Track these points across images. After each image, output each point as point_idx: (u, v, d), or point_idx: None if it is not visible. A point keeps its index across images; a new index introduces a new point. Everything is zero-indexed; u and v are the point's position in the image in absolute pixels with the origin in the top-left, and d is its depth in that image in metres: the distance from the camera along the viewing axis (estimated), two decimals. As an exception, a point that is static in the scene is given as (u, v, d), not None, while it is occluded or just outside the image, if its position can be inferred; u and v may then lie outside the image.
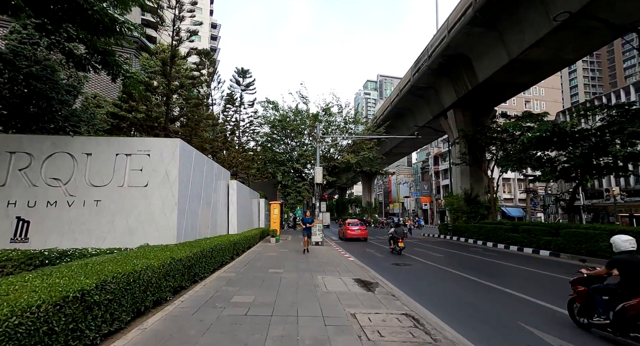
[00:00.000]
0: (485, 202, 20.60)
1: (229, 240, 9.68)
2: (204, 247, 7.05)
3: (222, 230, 13.24)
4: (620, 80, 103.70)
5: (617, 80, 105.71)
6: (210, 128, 16.73)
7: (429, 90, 23.49)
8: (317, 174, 16.75)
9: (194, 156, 9.79)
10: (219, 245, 8.16)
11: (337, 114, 25.52)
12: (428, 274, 9.43)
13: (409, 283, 7.92)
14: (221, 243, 8.48)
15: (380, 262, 11.72)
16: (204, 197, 10.73)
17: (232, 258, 10.53)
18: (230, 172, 15.43)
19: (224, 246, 8.73)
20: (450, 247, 17.22)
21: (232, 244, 9.99)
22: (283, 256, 11.76)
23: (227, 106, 22.47)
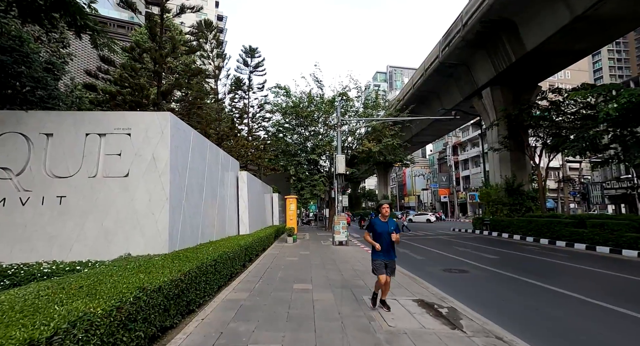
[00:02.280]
0: (530, 192, 17.98)
1: (239, 245, 7.55)
2: (204, 260, 4.90)
3: (231, 230, 11.17)
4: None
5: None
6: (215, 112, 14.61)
7: (459, 68, 20.79)
8: (338, 163, 14.48)
9: (193, 137, 7.65)
10: (225, 253, 6.02)
11: (356, 99, 23.07)
12: (501, 286, 7.10)
13: (492, 305, 5.62)
14: (229, 250, 6.34)
15: (424, 267, 9.45)
16: (208, 189, 8.63)
17: (244, 266, 8.42)
18: (239, 162, 13.29)
19: (232, 254, 6.59)
20: (496, 245, 14.77)
21: (243, 249, 7.87)
22: (306, 261, 9.61)
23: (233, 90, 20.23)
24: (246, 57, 20.98)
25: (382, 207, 4.88)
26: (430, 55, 22.63)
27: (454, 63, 20.43)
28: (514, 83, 18.73)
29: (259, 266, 8.80)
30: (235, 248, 7.02)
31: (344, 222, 14.08)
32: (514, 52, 16.41)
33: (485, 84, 19.56)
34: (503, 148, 18.04)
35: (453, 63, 20.45)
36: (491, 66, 18.41)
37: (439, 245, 14.63)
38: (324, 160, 25.97)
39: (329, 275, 7.50)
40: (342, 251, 12.16)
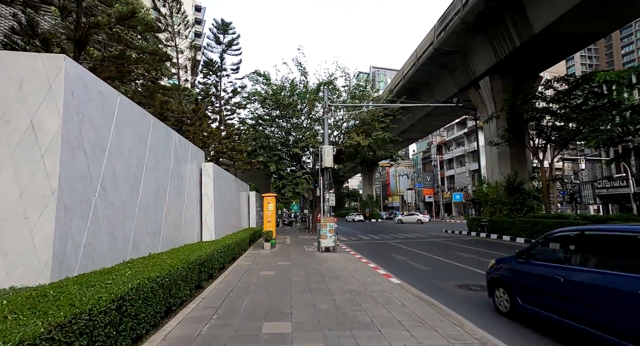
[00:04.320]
0: (532, 191, 16.56)
1: (188, 261, 5.26)
2: (90, 304, 2.61)
3: (190, 236, 8.80)
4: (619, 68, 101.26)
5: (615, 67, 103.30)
6: (176, 93, 12.06)
7: (455, 56, 19.19)
8: (325, 155, 12.35)
9: (120, 105, 5.28)
10: (150, 282, 3.75)
11: (343, 89, 21.01)
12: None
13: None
14: (162, 274, 4.07)
15: (434, 281, 7.50)
16: (149, 183, 6.26)
17: (198, 287, 6.13)
18: (204, 153, 10.90)
19: (168, 278, 4.33)
20: (501, 249, 13.10)
21: (195, 266, 5.59)
22: (285, 276, 7.40)
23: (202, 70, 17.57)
24: (218, 33, 18.38)
25: None
26: (423, 42, 20.94)
27: (450, 50, 18.79)
28: (515, 72, 17.28)
29: (220, 286, 6.52)
30: (178, 268, 4.73)
31: (332, 224, 11.96)
32: (518, 35, 14.87)
33: (484, 73, 18.03)
34: (503, 142, 16.52)
35: (449, 50, 18.81)
36: (491, 53, 16.86)
37: (439, 251, 12.80)
38: (308, 156, 23.80)
39: (316, 302, 5.34)
40: (331, 260, 10.03)
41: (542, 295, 4.18)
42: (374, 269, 8.63)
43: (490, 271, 5.44)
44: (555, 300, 3.91)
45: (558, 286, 3.87)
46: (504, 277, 5.02)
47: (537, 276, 4.31)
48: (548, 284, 4.06)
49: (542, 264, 4.35)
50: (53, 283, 3.31)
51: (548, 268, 4.15)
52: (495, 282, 5.24)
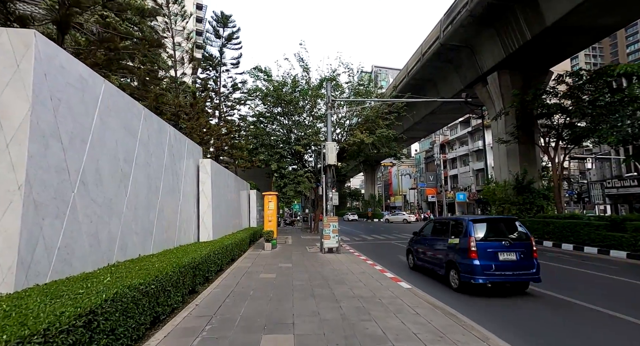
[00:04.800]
0: (542, 190, 15.97)
1: (180, 265, 4.78)
2: (39, 327, 2.11)
3: (186, 236, 8.32)
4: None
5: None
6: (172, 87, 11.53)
7: (461, 51, 18.62)
8: (329, 152, 11.84)
9: (105, 93, 4.79)
10: (130, 291, 3.26)
11: (346, 86, 20.49)
12: (588, 327, 4.65)
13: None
14: (146, 281, 3.61)
15: (447, 285, 6.97)
16: (140, 179, 5.79)
17: (192, 292, 5.66)
18: (201, 148, 10.42)
19: (154, 285, 3.85)
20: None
21: (188, 270, 5.11)
22: (286, 280, 6.91)
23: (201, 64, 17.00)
24: (217, 26, 17.86)
25: None
26: (429, 38, 20.38)
27: (457, 45, 18.22)
28: (525, 67, 16.70)
29: (217, 291, 6.03)
30: (167, 272, 4.24)
31: (335, 224, 11.46)
32: (529, 28, 14.29)
33: (492, 69, 17.45)
34: (513, 139, 15.94)
35: (455, 45, 18.24)
36: (500, 47, 16.29)
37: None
38: (310, 154, 23.28)
39: (321, 310, 4.84)
40: (334, 262, 9.53)
41: (419, 254, 8.33)
42: (381, 272, 8.12)
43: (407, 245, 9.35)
44: (425, 256, 8.02)
45: (424, 246, 8.13)
46: (410, 247, 9.06)
47: (419, 244, 8.44)
48: (420, 247, 8.31)
49: (421, 237, 8.42)
50: (14, 294, 2.83)
51: (422, 238, 8.31)
52: (408, 251, 9.24)
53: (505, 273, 6.05)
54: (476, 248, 6.15)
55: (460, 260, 6.36)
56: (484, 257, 6.09)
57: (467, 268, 6.15)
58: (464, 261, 6.28)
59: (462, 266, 6.31)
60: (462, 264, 6.29)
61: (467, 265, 6.17)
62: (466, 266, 6.19)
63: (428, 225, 8.40)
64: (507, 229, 6.65)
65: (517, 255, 6.18)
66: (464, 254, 6.30)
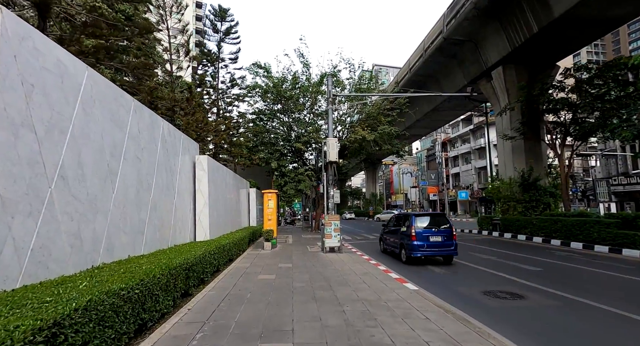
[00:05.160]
0: (549, 188, 15.58)
1: (170, 267, 4.43)
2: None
3: (182, 236, 7.97)
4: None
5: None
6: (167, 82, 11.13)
7: (465, 46, 18.21)
8: (330, 148, 11.47)
9: (88, 78, 4.43)
10: (102, 304, 2.88)
11: (347, 82, 20.12)
12: (606, 331, 4.28)
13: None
14: (112, 295, 3.21)
15: (454, 286, 6.63)
16: (129, 174, 5.45)
17: (185, 295, 5.31)
18: (199, 145, 10.06)
19: (133, 295, 3.48)
20: (520, 250, 12.20)
21: (180, 272, 4.76)
22: (286, 282, 6.55)
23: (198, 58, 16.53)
24: (215, 20, 17.47)
25: None
26: (432, 32, 19.96)
27: (460, 39, 17.81)
28: (530, 61, 16.28)
29: (212, 293, 5.68)
30: (155, 275, 3.88)
31: (337, 223, 11.09)
32: (536, 20, 13.87)
33: (496, 63, 17.04)
34: (518, 135, 15.53)
35: (459, 39, 17.83)
36: (505, 41, 15.87)
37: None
38: (310, 152, 22.91)
39: (323, 315, 4.48)
40: (336, 262, 9.17)
41: (386, 241, 10.90)
42: (385, 272, 7.76)
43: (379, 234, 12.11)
44: (389, 241, 10.57)
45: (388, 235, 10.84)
46: (381, 236, 11.80)
47: (386, 234, 11.06)
48: (386, 235, 10.96)
49: (387, 229, 11.06)
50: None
51: (388, 229, 10.88)
52: (380, 239, 11.92)
53: (433, 249, 9.09)
54: (415, 233, 9.05)
55: (406, 241, 9.23)
56: (420, 239, 9.04)
57: (410, 247, 9.04)
58: (408, 242, 9.13)
59: (407, 246, 9.19)
60: (407, 244, 9.15)
61: (410, 244, 9.04)
62: (409, 246, 9.06)
63: (391, 220, 11.25)
64: (438, 221, 9.55)
65: (442, 237, 9.13)
66: (408, 238, 9.17)
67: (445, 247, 9.08)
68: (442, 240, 9.07)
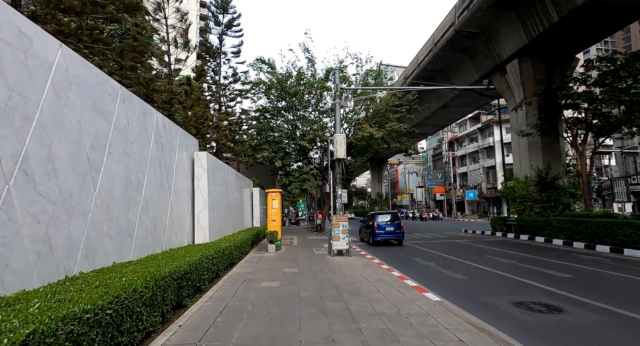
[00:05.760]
0: (568, 187, 14.74)
1: (156, 277, 3.78)
2: None
3: (179, 239, 7.36)
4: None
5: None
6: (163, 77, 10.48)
7: (478, 38, 17.40)
8: (337, 144, 10.80)
9: (61, 57, 3.81)
10: (53, 335, 2.22)
11: (354, 78, 19.42)
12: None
13: None
14: (69, 321, 2.53)
15: (478, 295, 5.90)
16: (116, 171, 4.84)
17: (177, 307, 4.68)
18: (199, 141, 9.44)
19: (100, 319, 2.80)
20: (542, 253, 11.41)
21: (162, 287, 4.11)
22: (292, 291, 5.88)
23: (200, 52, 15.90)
24: (217, 12, 16.86)
25: None
26: (442, 25, 19.17)
27: (473, 32, 17.00)
28: (548, 53, 15.41)
29: (208, 305, 5.03)
30: (135, 289, 3.24)
31: (345, 224, 10.41)
32: (556, 9, 13.05)
33: (511, 56, 16.20)
34: (535, 132, 14.70)
35: (471, 32, 17.03)
36: (522, 32, 15.04)
37: (468, 254, 11.16)
38: (315, 151, 22.26)
39: (336, 335, 3.80)
40: (345, 266, 8.49)
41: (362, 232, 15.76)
42: (400, 279, 7.06)
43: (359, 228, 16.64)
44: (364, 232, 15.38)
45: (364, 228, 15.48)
46: (360, 228, 16.21)
47: (362, 227, 15.79)
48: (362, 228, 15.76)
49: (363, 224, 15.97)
50: None
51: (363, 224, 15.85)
52: (359, 231, 16.28)
53: (388, 235, 13.63)
54: (377, 225, 13.57)
55: (371, 230, 13.54)
56: (380, 229, 13.55)
57: (374, 234, 13.48)
58: (372, 231, 13.57)
59: (372, 233, 13.69)
60: (372, 232, 13.39)
61: (374, 232, 13.48)
62: (373, 233, 13.44)
63: (366, 217, 15.53)
64: (393, 217, 14.04)
65: (394, 227, 13.59)
66: (372, 228, 13.58)
67: (396, 234, 13.68)
68: (394, 230, 13.63)
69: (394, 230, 13.38)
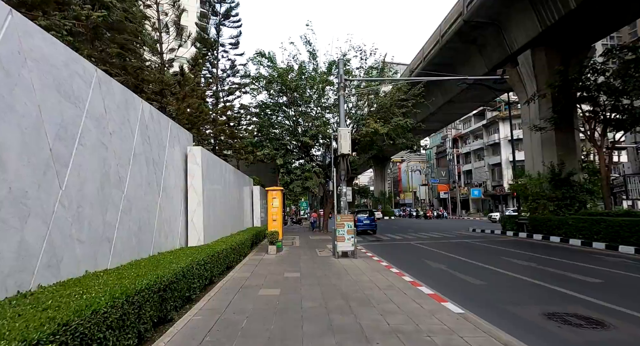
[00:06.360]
0: (584, 183, 13.99)
1: (125, 293, 3.10)
2: None
3: (170, 241, 6.72)
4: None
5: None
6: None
7: (487, 29, 16.61)
8: (342, 139, 10.09)
9: (12, 24, 3.13)
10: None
11: (358, 72, 18.70)
12: None
13: None
14: None
15: (507, 307, 5.18)
16: (84, 164, 4.17)
17: (162, 321, 4.01)
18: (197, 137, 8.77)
19: None
20: (561, 254, 10.72)
21: (136, 303, 3.44)
22: (293, 298, 5.22)
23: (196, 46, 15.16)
24: (214, 1, 16.15)
25: None
26: (450, 16, 18.39)
27: (482, 22, 16.22)
28: (564, 43, 14.61)
29: (197, 319, 4.37)
30: (96, 310, 2.57)
31: (350, 223, 9.74)
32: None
33: (524, 47, 15.41)
34: (550, 126, 13.94)
35: (480, 22, 16.25)
36: (535, 21, 14.25)
37: (480, 256, 10.48)
38: (318, 148, 21.60)
39: (347, 362, 3.12)
40: (352, 269, 7.83)
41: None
42: (413, 285, 6.39)
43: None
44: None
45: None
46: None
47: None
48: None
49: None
50: None
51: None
52: None
53: (365, 226, 18.88)
54: (357, 219, 17.34)
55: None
56: (359, 222, 18.31)
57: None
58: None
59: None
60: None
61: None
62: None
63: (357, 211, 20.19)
64: (370, 212, 20.04)
65: (369, 221, 19.14)
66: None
67: (371, 225, 18.89)
68: (369, 223, 18.88)
69: (369, 223, 18.87)
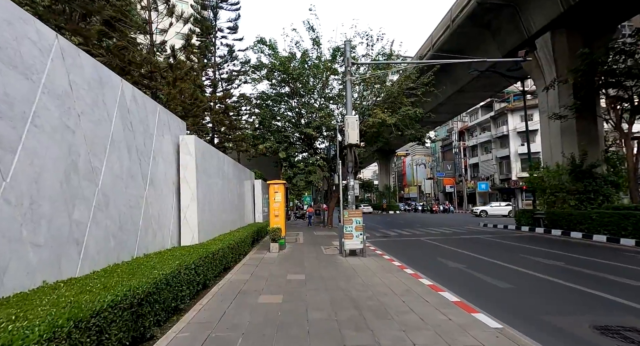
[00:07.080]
0: (609, 176, 13.07)
1: (75, 318, 2.34)
2: None
3: (159, 240, 5.99)
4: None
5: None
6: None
7: (502, 12, 15.54)
8: (349, 127, 9.27)
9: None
10: None
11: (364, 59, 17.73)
12: None
13: None
14: None
15: (547, 318, 4.36)
16: (41, 152, 3.42)
17: (147, 335, 3.26)
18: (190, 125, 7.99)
19: None
20: (587, 252, 9.92)
21: (102, 327, 2.68)
22: (297, 307, 4.46)
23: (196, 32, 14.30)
24: (211, -20, 15.27)
25: None
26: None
27: (497, 3, 15.16)
28: (587, 24, 13.56)
29: (183, 337, 3.64)
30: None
31: (359, 219, 8.97)
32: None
33: (542, 29, 14.35)
34: (571, 114, 12.97)
35: (495, 3, 15.18)
36: (555, 1, 13.20)
37: (499, 254, 9.68)
38: (322, 141, 20.80)
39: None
40: (362, 271, 7.07)
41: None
42: (434, 289, 5.62)
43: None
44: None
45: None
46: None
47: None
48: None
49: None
50: None
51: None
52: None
53: None
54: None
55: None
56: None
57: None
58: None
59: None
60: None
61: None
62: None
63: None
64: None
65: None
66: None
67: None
68: None
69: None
